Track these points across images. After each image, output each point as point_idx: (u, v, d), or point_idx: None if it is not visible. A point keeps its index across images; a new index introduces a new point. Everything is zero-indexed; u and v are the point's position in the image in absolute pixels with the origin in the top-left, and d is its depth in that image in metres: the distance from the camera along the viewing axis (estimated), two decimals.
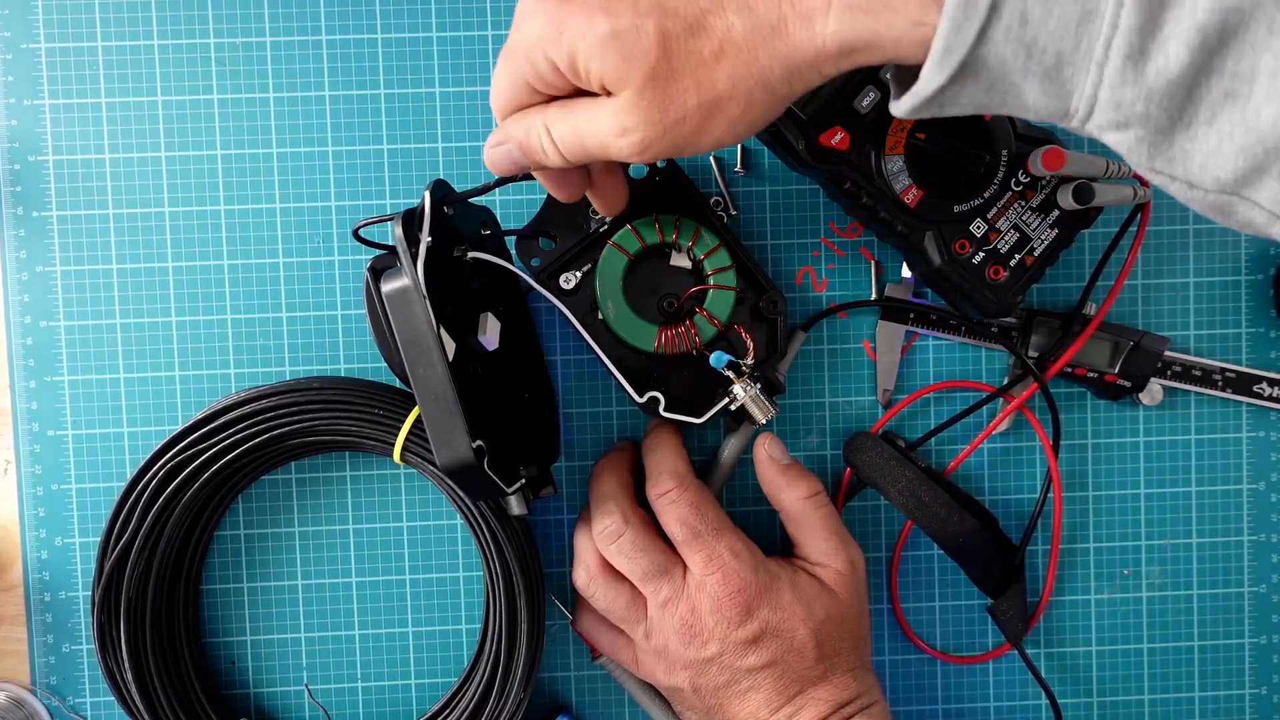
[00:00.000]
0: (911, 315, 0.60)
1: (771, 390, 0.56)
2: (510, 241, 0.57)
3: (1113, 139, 0.37)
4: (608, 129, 0.42)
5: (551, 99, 0.44)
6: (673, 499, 0.54)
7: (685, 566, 0.54)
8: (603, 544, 0.54)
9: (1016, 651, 0.60)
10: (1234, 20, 0.34)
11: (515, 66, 0.43)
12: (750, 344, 0.55)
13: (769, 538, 0.60)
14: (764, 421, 0.54)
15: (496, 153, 0.46)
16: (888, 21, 0.37)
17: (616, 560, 0.54)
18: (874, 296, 0.60)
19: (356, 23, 0.59)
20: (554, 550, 0.61)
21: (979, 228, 0.55)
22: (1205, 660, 0.62)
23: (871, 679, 0.55)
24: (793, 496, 0.56)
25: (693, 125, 0.41)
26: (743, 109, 0.41)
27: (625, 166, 0.54)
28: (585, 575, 0.55)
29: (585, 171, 0.50)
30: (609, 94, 0.41)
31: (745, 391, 0.54)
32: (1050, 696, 0.59)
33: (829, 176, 0.55)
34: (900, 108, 0.40)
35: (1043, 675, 0.60)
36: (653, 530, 0.55)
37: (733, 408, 0.55)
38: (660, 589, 0.53)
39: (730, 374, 0.55)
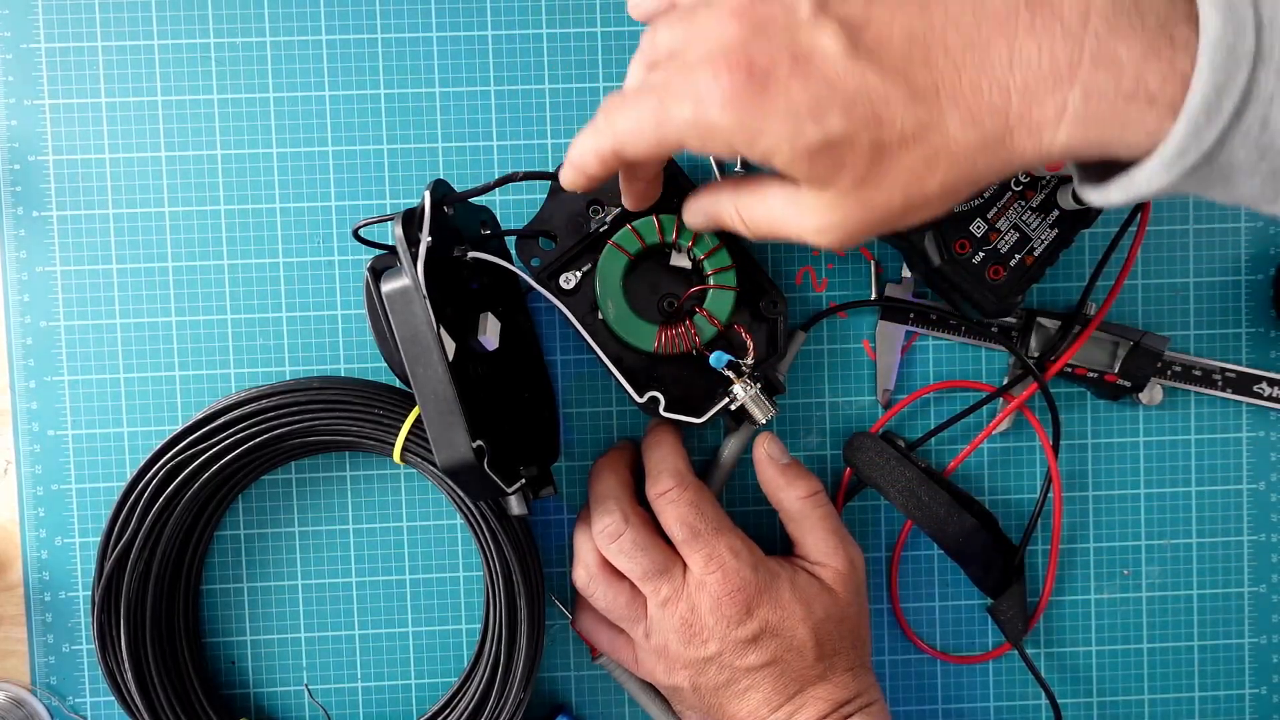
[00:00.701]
0: (911, 315, 0.60)
1: (771, 390, 0.56)
2: (510, 241, 0.57)
3: None
4: (805, 225, 0.41)
5: None
6: (672, 498, 0.54)
7: (685, 566, 0.54)
8: (603, 543, 0.54)
9: (1016, 651, 0.60)
10: None
11: (673, 132, 0.40)
12: (750, 344, 0.55)
13: (769, 537, 0.60)
14: (764, 421, 0.55)
15: (696, 220, 0.49)
16: (1121, 134, 0.36)
17: (616, 559, 0.54)
18: (874, 296, 0.60)
19: (356, 22, 0.59)
20: (554, 550, 0.61)
21: (979, 227, 0.55)
22: (1205, 660, 0.62)
23: (871, 678, 0.55)
24: (792, 496, 0.56)
25: (895, 222, 0.40)
26: (947, 205, 0.40)
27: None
28: (585, 574, 0.55)
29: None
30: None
31: (745, 391, 0.54)
32: (1050, 696, 0.59)
33: None
34: (1105, 199, 0.39)
35: (1043, 675, 0.60)
36: (653, 529, 0.55)
37: (733, 408, 0.55)
38: (660, 588, 0.53)
39: (730, 374, 0.55)
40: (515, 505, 0.51)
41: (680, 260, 0.56)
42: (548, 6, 0.59)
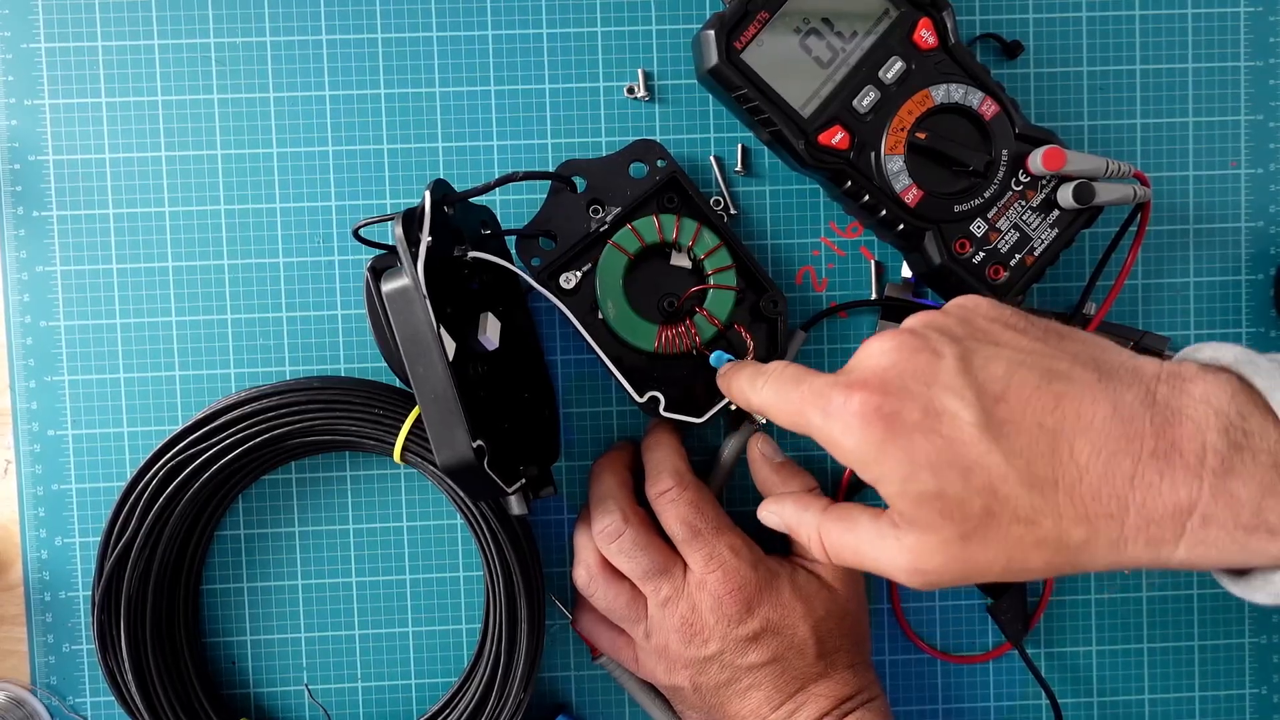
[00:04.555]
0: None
1: None
2: (510, 241, 0.57)
3: None
4: (896, 563, 0.42)
5: None
6: (673, 498, 0.54)
7: (685, 565, 0.54)
8: (603, 543, 0.55)
9: (1016, 651, 0.60)
10: None
11: (803, 426, 0.44)
12: (750, 343, 0.55)
13: (769, 537, 0.60)
14: (764, 421, 0.55)
15: (769, 520, 0.52)
16: (1243, 558, 0.38)
17: (616, 559, 0.54)
18: (874, 296, 0.60)
19: (357, 22, 0.59)
20: (554, 550, 0.61)
21: (979, 227, 0.55)
22: (1206, 660, 0.62)
23: (872, 674, 0.55)
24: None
25: (989, 578, 0.41)
26: (1045, 576, 0.42)
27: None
28: (585, 574, 0.55)
29: None
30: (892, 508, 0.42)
31: None
32: (1050, 696, 0.59)
33: (829, 176, 0.55)
34: (1249, 596, 0.40)
35: (1043, 675, 0.60)
36: (653, 529, 0.55)
37: (733, 407, 0.55)
38: (661, 587, 0.53)
39: None
40: (515, 505, 0.51)
41: (680, 260, 0.56)
42: (548, 6, 0.59)
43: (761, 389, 0.47)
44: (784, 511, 0.51)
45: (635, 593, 0.55)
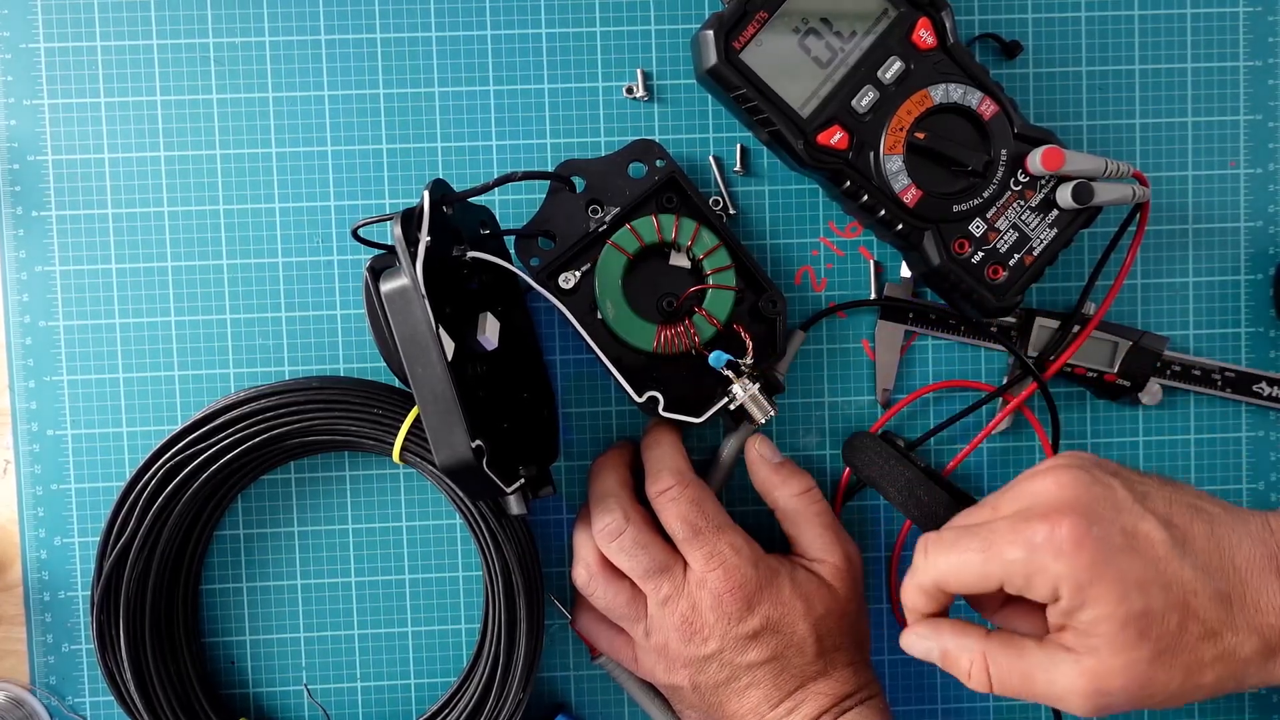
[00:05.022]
0: (911, 315, 0.60)
1: (771, 389, 0.56)
2: (510, 241, 0.57)
3: None
4: (1077, 687, 0.44)
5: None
6: (673, 496, 0.54)
7: (685, 564, 0.54)
8: (603, 542, 0.55)
9: None
10: None
11: (997, 570, 0.45)
12: (749, 343, 0.55)
13: (768, 537, 0.60)
14: (763, 421, 0.55)
15: (918, 646, 0.50)
16: None
17: (617, 558, 0.54)
18: (873, 296, 0.60)
19: (355, 23, 0.59)
20: (553, 550, 0.61)
21: (978, 227, 0.55)
22: None
23: (870, 673, 0.56)
24: (786, 494, 0.56)
25: (1155, 703, 0.44)
26: (1202, 699, 0.45)
27: None
28: (585, 573, 0.55)
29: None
30: (1063, 633, 0.45)
31: (744, 391, 0.54)
32: None
33: (828, 176, 0.55)
34: None
35: None
36: (653, 528, 0.55)
37: (732, 407, 0.55)
38: (661, 586, 0.53)
39: (729, 373, 0.55)
40: (514, 505, 0.51)
41: (679, 260, 0.56)
42: (547, 6, 0.59)
43: (933, 560, 0.48)
44: (942, 639, 0.49)
45: (635, 591, 0.55)
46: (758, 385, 0.54)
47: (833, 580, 0.55)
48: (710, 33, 0.54)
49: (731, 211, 0.60)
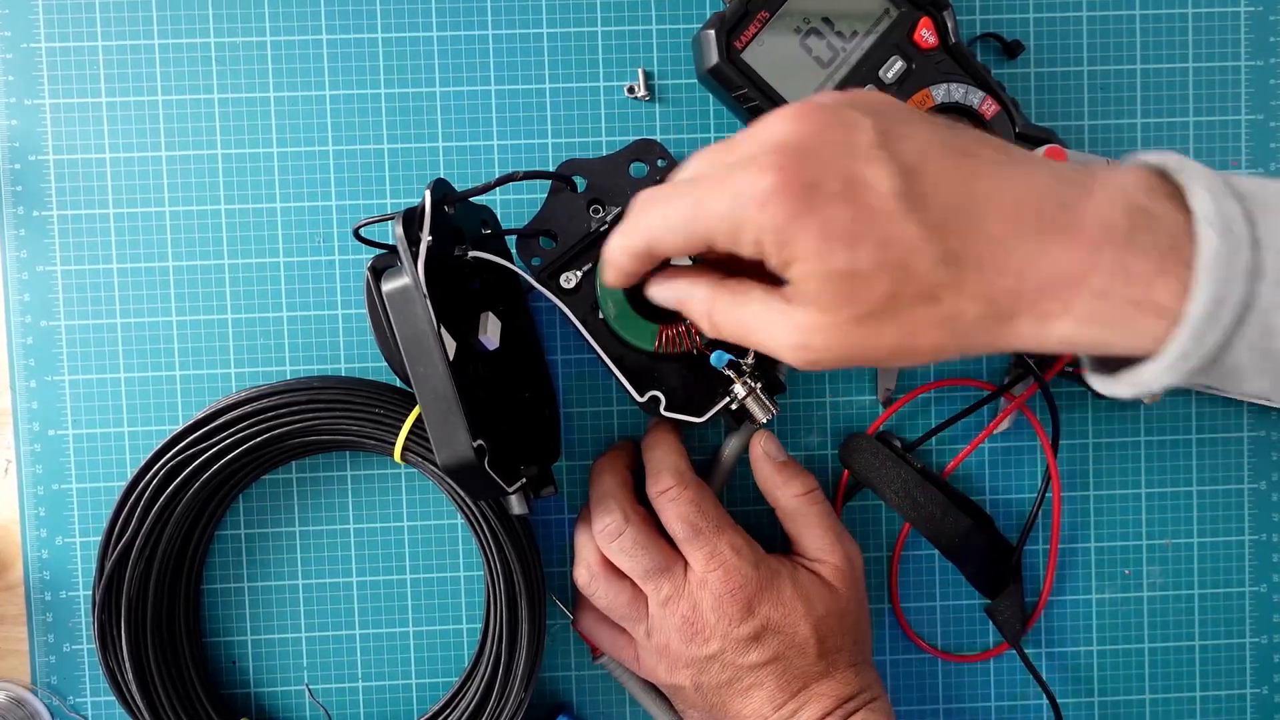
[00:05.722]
0: None
1: (772, 389, 0.56)
2: (511, 241, 0.57)
3: None
4: (783, 339, 0.41)
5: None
6: (673, 496, 0.54)
7: (686, 564, 0.54)
8: (603, 542, 0.55)
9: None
10: None
11: (703, 226, 0.40)
12: None
13: (769, 536, 0.60)
14: (764, 420, 0.54)
15: (658, 295, 0.48)
16: (1125, 338, 0.38)
17: (617, 558, 0.54)
18: None
19: (357, 22, 0.59)
20: (555, 550, 0.61)
21: None
22: (1206, 660, 0.62)
23: (873, 674, 0.55)
24: (788, 493, 0.56)
25: (870, 363, 0.41)
26: (926, 363, 0.41)
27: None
28: (586, 574, 0.55)
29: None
30: (786, 285, 0.41)
31: (746, 390, 0.54)
32: (1050, 696, 0.59)
33: None
34: (1113, 390, 0.40)
35: (1044, 675, 0.60)
36: (653, 528, 0.55)
37: (733, 407, 0.55)
38: (661, 586, 0.53)
39: (731, 373, 0.54)
40: (516, 505, 0.51)
41: (681, 259, 0.56)
42: (548, 6, 0.59)
43: (640, 217, 0.43)
44: (676, 286, 0.46)
45: (636, 592, 0.55)
46: (759, 385, 0.54)
47: (834, 581, 0.54)
48: (711, 32, 0.54)
49: None
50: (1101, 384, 0.41)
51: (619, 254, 0.45)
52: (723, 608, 0.52)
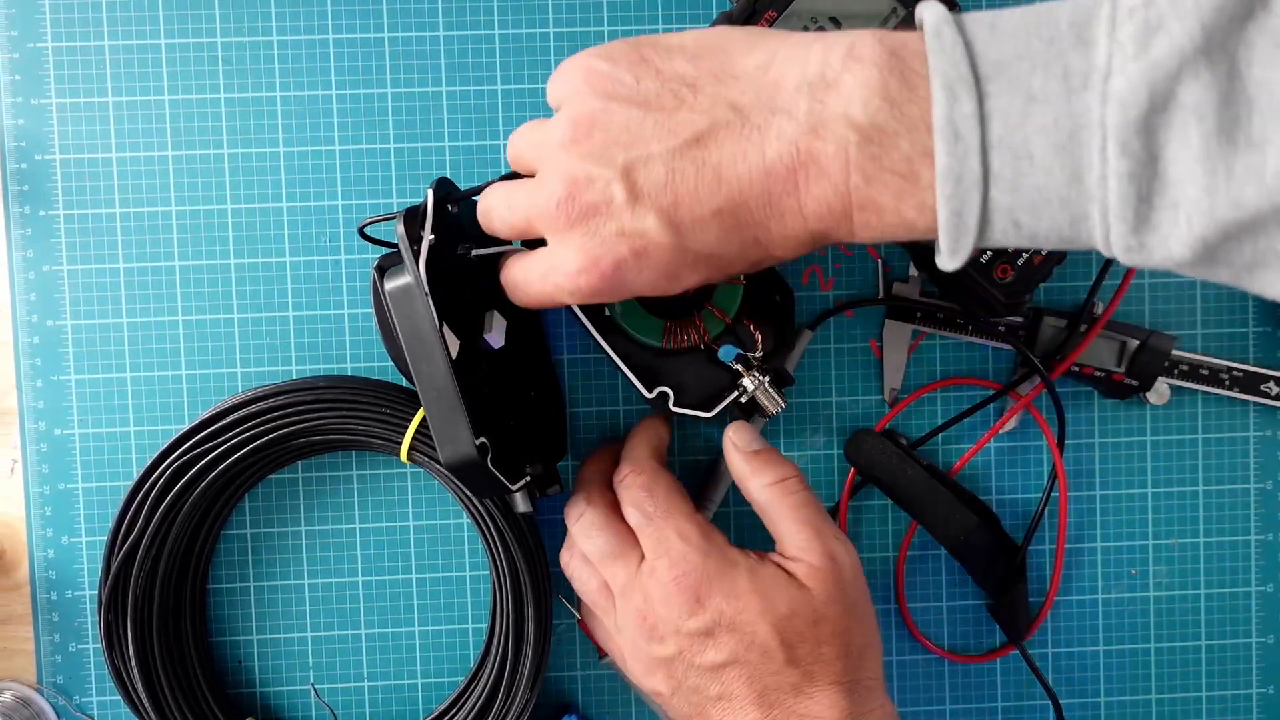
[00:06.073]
0: (918, 314, 0.60)
1: (781, 382, 0.56)
2: (516, 240, 0.57)
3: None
4: (558, 290, 0.46)
5: None
6: (628, 483, 0.53)
7: (642, 553, 0.52)
8: (570, 522, 0.54)
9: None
10: (1235, 231, 0.34)
11: (517, 222, 0.47)
12: (759, 337, 0.55)
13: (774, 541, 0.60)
14: (774, 414, 0.54)
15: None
16: (902, 237, 0.41)
17: (580, 540, 0.53)
18: (880, 295, 0.60)
19: (363, 22, 0.59)
20: (560, 548, 0.61)
21: None
22: (1212, 660, 0.62)
23: (878, 700, 0.50)
24: (758, 484, 0.52)
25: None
26: (700, 282, 0.45)
27: None
28: (566, 554, 0.55)
29: None
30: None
31: (754, 384, 0.54)
32: (1052, 696, 0.59)
33: None
34: (942, 266, 0.41)
35: (1049, 675, 0.60)
36: (616, 513, 0.53)
37: (743, 401, 0.54)
38: (617, 573, 0.51)
39: (739, 367, 0.54)
40: (521, 503, 0.51)
41: None
42: (554, 6, 0.59)
43: (484, 203, 0.49)
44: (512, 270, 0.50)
45: (604, 578, 0.53)
46: (768, 378, 0.54)
47: (808, 581, 0.49)
48: None
49: None
50: (939, 261, 0.42)
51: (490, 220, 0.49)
52: (670, 599, 0.49)
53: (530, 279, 0.47)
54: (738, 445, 0.53)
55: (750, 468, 0.52)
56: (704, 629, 0.48)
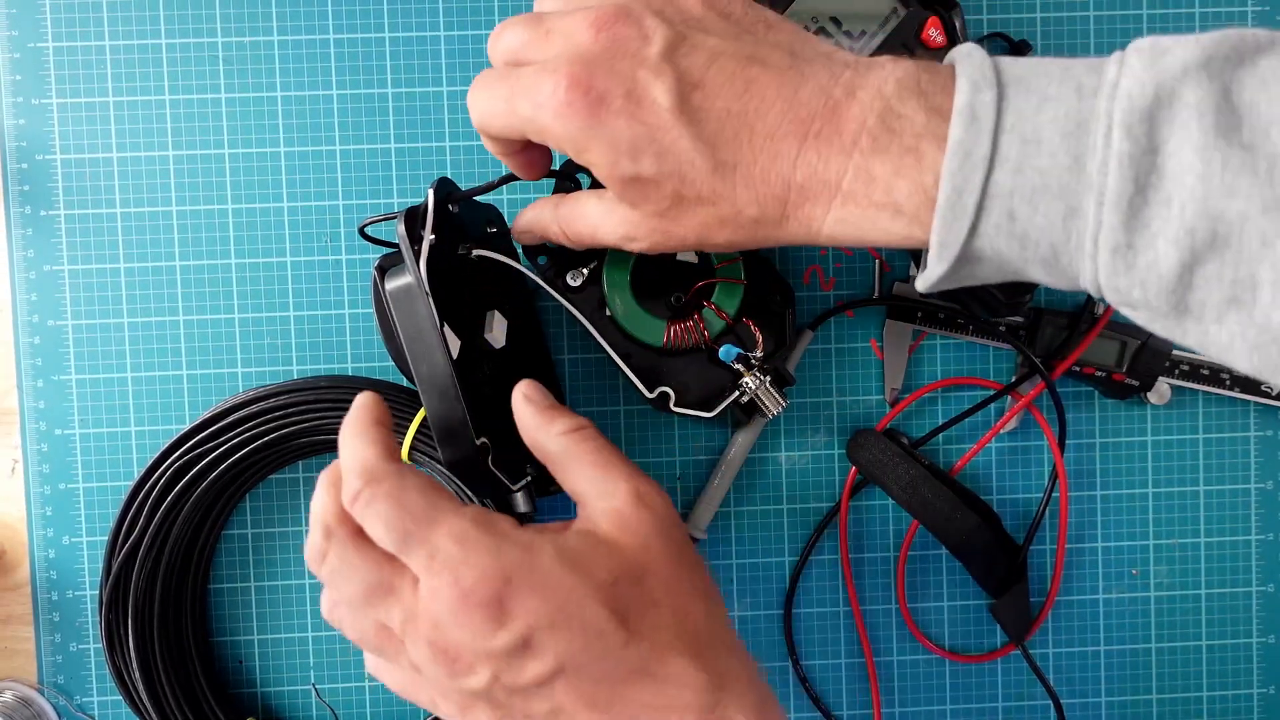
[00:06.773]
0: (919, 314, 0.60)
1: (782, 382, 0.56)
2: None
3: (1128, 313, 0.39)
4: (616, 232, 0.46)
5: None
6: (366, 501, 0.41)
7: (415, 577, 0.41)
8: (314, 571, 0.44)
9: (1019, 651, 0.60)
10: (1224, 230, 0.35)
11: (516, 121, 0.43)
12: (759, 337, 0.55)
13: (775, 540, 0.60)
14: (775, 413, 0.54)
15: (523, 236, 0.52)
16: (874, 236, 0.41)
17: (332, 589, 0.44)
18: (881, 295, 0.60)
19: (364, 21, 0.59)
20: None
21: None
22: (1213, 660, 0.62)
23: (738, 659, 0.43)
24: (551, 433, 0.46)
25: (688, 246, 0.45)
26: (737, 249, 0.47)
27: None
28: (328, 603, 0.45)
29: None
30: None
31: (755, 383, 0.54)
32: (1053, 696, 0.59)
33: None
34: (920, 287, 0.41)
35: (1050, 675, 0.60)
36: (366, 541, 0.42)
37: (744, 400, 0.55)
38: (391, 610, 0.41)
39: (740, 366, 0.54)
40: (521, 503, 0.51)
41: (687, 255, 0.56)
42: None
43: (471, 101, 0.46)
44: (526, 219, 0.50)
45: (377, 619, 0.43)
46: (768, 378, 0.54)
47: (620, 534, 0.43)
48: None
49: None
50: (918, 283, 0.42)
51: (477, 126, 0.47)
52: (464, 619, 0.39)
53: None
54: (530, 398, 0.47)
55: (542, 419, 0.46)
56: (517, 641, 0.40)
